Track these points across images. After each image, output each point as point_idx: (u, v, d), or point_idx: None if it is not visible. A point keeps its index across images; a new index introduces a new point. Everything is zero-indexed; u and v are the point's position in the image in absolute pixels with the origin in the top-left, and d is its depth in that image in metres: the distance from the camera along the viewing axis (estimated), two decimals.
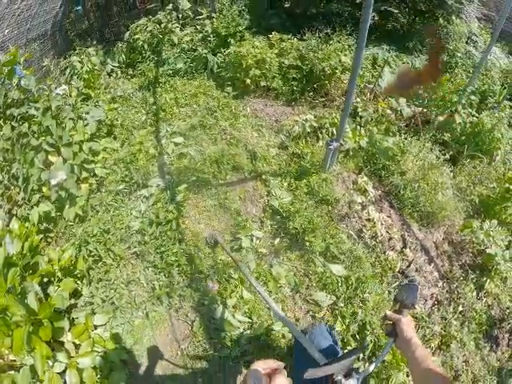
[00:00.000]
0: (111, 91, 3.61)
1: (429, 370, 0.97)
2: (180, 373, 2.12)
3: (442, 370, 2.19)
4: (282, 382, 0.76)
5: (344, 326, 2.22)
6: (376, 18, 4.27)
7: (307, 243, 2.40)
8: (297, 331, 1.31)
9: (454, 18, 4.59)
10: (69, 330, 1.98)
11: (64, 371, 1.82)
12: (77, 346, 1.95)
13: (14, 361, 1.83)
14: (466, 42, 4.84)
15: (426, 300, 2.58)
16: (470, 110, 3.40)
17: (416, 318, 2.45)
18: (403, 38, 4.61)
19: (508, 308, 2.58)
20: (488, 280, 2.62)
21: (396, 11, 4.00)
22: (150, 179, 2.88)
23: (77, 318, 2.10)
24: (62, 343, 1.93)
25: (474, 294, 2.62)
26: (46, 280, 2.11)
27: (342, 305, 2.28)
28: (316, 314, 2.28)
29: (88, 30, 4.18)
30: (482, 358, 2.41)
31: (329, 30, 3.81)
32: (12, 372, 1.77)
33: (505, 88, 4.23)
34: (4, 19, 2.67)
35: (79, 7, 3.87)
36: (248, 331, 2.16)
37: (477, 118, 3.39)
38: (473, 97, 3.40)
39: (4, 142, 2.50)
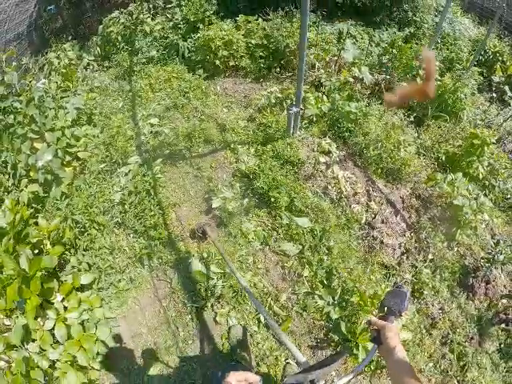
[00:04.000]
0: (89, 83, 3.96)
1: (408, 382, 0.97)
2: (163, 329, 2.46)
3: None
4: None
5: (312, 273, 2.56)
6: None
7: (273, 199, 2.74)
8: (277, 329, 1.41)
9: None
10: (57, 290, 2.30)
11: (53, 328, 2.13)
12: (65, 307, 2.25)
13: (8, 325, 2.16)
14: (435, 15, 5.17)
15: (395, 249, 2.89)
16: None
17: (386, 266, 2.77)
18: (371, 13, 4.93)
19: (483, 258, 2.84)
20: (458, 231, 2.84)
21: None
22: (129, 157, 3.23)
23: (65, 280, 2.40)
24: (52, 304, 2.24)
25: (445, 244, 2.90)
26: (36, 251, 2.43)
27: (309, 253, 2.62)
28: (285, 264, 2.63)
29: (62, 28, 4.54)
30: (458, 306, 2.69)
31: (292, 9, 4.16)
32: (6, 334, 2.08)
33: (471, 55, 4.58)
34: None
35: (51, 6, 4.23)
36: (220, 281, 2.50)
37: (440, 81, 3.72)
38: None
39: None
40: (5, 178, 2.98)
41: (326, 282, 2.47)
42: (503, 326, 2.67)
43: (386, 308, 1.15)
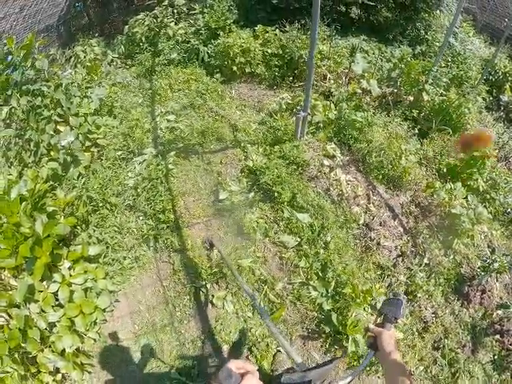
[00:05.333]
0: (111, 78, 4.30)
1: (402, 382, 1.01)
2: (161, 308, 2.62)
3: None
4: (253, 383, 0.82)
5: (308, 264, 2.72)
6: (357, 11, 4.94)
7: (276, 194, 2.94)
8: (277, 332, 1.49)
9: (433, 10, 5.23)
10: (66, 257, 2.47)
11: (57, 292, 2.26)
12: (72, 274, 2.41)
13: (14, 285, 2.30)
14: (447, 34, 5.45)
15: (391, 251, 3.03)
16: (438, 89, 3.95)
17: (381, 267, 2.90)
18: (385, 29, 5.23)
19: (479, 268, 2.94)
20: (456, 239, 2.97)
21: (373, 3, 4.64)
22: (145, 148, 3.49)
23: (74, 250, 2.54)
24: (59, 270, 2.39)
25: (442, 251, 3.03)
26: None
27: (307, 246, 2.79)
28: (283, 255, 2.80)
29: (88, 25, 4.96)
30: (452, 312, 2.78)
31: (308, 22, 4.48)
32: (10, 292, 2.22)
33: (480, 74, 4.81)
34: (24, 9, 3.40)
35: (79, 3, 4.64)
36: (219, 261, 2.68)
37: (445, 95, 3.94)
38: (439, 76, 3.96)
39: (21, 112, 3.16)
40: (26, 154, 3.25)
41: (320, 274, 2.62)
42: (498, 337, 2.71)
43: (382, 316, 1.23)
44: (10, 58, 3.05)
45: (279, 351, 2.44)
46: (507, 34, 4.14)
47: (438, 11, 5.45)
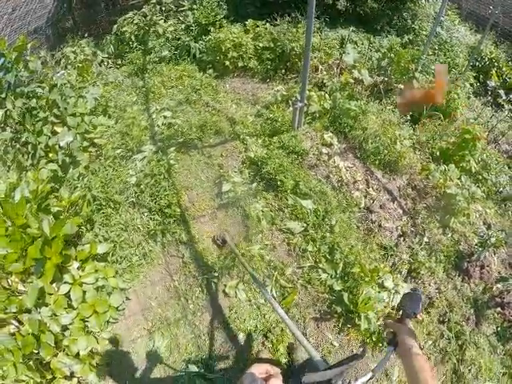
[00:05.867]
0: (103, 78, 4.29)
1: (425, 382, 1.00)
2: (173, 303, 2.64)
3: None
4: None
5: (315, 248, 2.80)
6: (344, 3, 5.06)
7: (279, 182, 3.01)
8: (297, 332, 1.47)
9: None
10: (75, 258, 2.47)
11: (68, 293, 2.26)
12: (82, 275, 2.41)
13: (23, 291, 2.27)
14: (433, 23, 5.64)
15: (392, 232, 3.14)
16: (428, 76, 4.11)
17: (385, 247, 3.00)
18: (372, 20, 5.37)
19: (477, 244, 3.07)
20: (452, 218, 3.12)
21: None
22: (143, 146, 3.50)
23: (82, 249, 2.55)
24: (69, 270, 2.39)
25: (440, 230, 3.16)
26: None
27: (313, 231, 2.87)
28: (290, 241, 2.87)
29: (73, 27, 4.92)
30: (454, 287, 2.90)
31: (298, 15, 4.57)
32: (20, 296, 2.20)
33: (467, 61, 5.01)
34: (15, 10, 3.37)
35: (64, 5, 4.59)
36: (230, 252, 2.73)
37: (434, 82, 4.09)
38: (427, 64, 4.12)
39: (16, 114, 3.12)
40: (23, 158, 3.21)
41: (328, 256, 2.71)
42: (499, 309, 2.82)
43: (401, 311, 1.23)
44: (2, 60, 3.01)
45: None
46: (492, 22, 4.31)
47: (423, 0, 5.63)
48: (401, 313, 1.24)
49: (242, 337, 2.50)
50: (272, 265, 2.73)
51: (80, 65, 4.14)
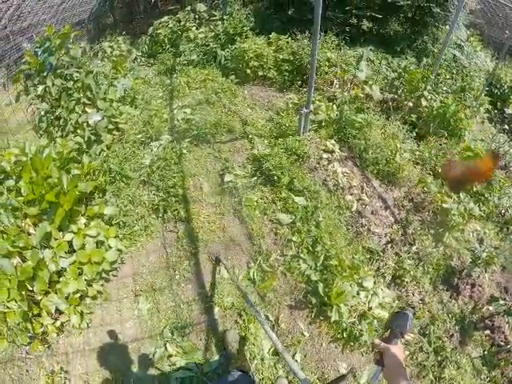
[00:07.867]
0: (135, 73, 4.88)
1: None
2: (162, 272, 2.94)
3: None
4: None
5: (300, 239, 3.02)
6: (368, 24, 5.44)
7: (276, 177, 3.31)
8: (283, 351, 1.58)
9: (441, 25, 5.66)
10: (83, 214, 2.82)
11: (71, 240, 2.55)
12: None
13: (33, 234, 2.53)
14: (453, 48, 5.86)
15: (381, 238, 3.27)
16: (436, 96, 4.30)
17: (371, 251, 3.14)
18: (394, 42, 5.68)
19: (471, 262, 3.10)
20: (447, 233, 3.20)
21: (380, 16, 5.11)
22: (162, 135, 3.95)
23: (90, 208, 2.91)
24: (76, 223, 2.71)
25: (432, 243, 3.21)
26: None
27: (300, 224, 3.10)
28: (278, 231, 3.12)
29: (113, 24, 5.63)
30: (440, 301, 2.92)
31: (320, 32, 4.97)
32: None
33: (483, 85, 5.14)
34: (64, 2, 4.01)
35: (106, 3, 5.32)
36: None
37: (444, 102, 4.28)
38: (437, 83, 4.32)
39: (54, 92, 3.67)
40: (54, 130, 3.73)
41: (311, 248, 2.92)
42: (488, 332, 2.79)
43: (389, 330, 1.25)
44: (47, 43, 3.61)
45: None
46: (508, 46, 4.43)
47: (446, 26, 5.88)
48: (388, 332, 1.26)
49: (217, 311, 2.71)
50: (259, 250, 2.98)
51: (115, 59, 4.75)
